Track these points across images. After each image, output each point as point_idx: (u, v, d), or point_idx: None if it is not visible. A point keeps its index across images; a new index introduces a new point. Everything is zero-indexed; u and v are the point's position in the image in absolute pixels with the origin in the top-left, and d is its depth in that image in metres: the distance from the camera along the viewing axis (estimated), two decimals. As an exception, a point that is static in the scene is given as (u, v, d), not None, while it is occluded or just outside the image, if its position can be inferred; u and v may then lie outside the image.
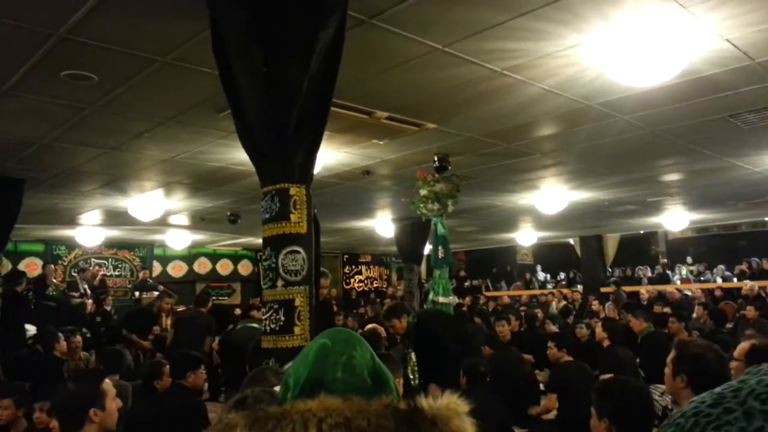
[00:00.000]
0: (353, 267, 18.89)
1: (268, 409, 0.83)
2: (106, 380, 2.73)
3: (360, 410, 0.82)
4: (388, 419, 0.82)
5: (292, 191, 2.95)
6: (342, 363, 0.95)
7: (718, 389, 0.98)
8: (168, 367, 5.00)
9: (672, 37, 3.79)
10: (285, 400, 0.94)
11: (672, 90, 4.76)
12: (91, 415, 2.53)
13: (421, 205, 6.55)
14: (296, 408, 0.82)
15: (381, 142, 6.22)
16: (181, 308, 10.80)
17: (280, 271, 2.89)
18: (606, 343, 5.81)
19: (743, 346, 2.95)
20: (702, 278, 15.04)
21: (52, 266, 11.35)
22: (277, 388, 2.07)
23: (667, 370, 2.56)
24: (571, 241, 16.93)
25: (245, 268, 17.06)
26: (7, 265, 10.07)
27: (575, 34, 3.80)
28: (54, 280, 10.77)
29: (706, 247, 18.69)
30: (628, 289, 14.35)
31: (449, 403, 0.87)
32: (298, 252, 2.92)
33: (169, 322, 8.96)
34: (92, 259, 14.24)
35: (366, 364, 0.96)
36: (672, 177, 8.62)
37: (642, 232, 17.05)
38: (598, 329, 6.04)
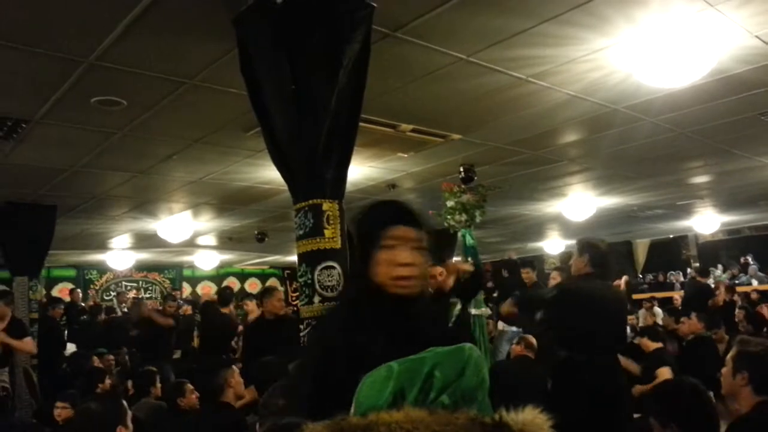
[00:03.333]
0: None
1: (352, 420, 0.82)
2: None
3: (447, 423, 0.81)
4: None
5: (325, 207, 2.94)
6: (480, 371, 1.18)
7: None
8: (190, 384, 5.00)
9: (699, 36, 3.74)
10: (428, 399, 1.04)
11: (700, 90, 4.69)
12: None
13: (449, 217, 6.52)
14: (382, 419, 0.80)
15: (406, 155, 6.22)
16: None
17: (317, 287, 2.88)
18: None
19: None
20: (737, 281, 14.70)
21: (79, 291, 11.67)
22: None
23: (726, 369, 2.48)
24: (600, 248, 16.69)
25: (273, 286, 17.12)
26: (42, 291, 10.24)
27: (601, 38, 3.77)
28: (83, 304, 10.96)
29: (738, 249, 18.32)
30: (660, 295, 14.06)
31: (534, 418, 0.85)
32: (334, 267, 2.90)
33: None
34: (123, 283, 14.44)
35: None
36: (701, 179, 8.48)
37: (672, 236, 16.78)
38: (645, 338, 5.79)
